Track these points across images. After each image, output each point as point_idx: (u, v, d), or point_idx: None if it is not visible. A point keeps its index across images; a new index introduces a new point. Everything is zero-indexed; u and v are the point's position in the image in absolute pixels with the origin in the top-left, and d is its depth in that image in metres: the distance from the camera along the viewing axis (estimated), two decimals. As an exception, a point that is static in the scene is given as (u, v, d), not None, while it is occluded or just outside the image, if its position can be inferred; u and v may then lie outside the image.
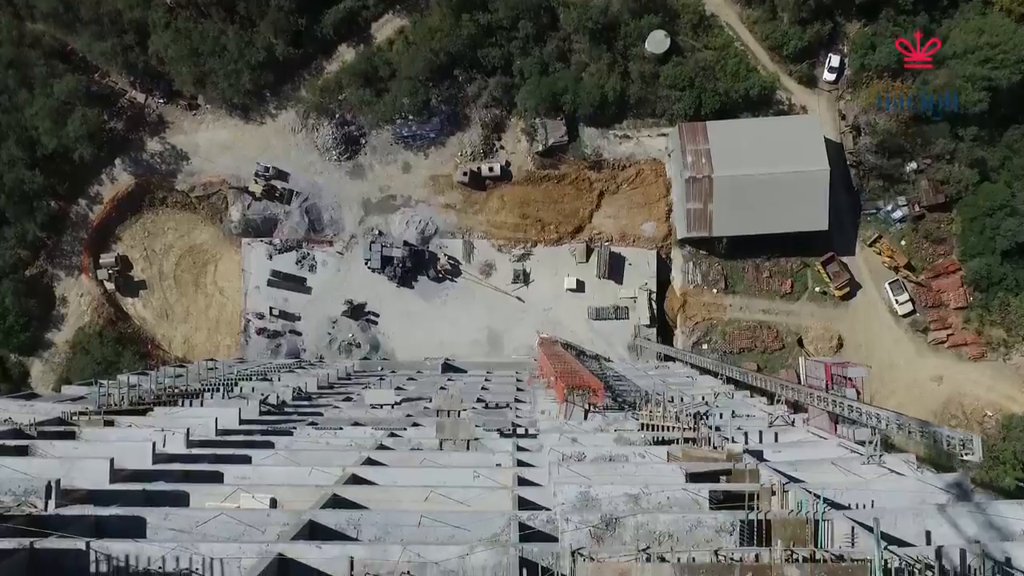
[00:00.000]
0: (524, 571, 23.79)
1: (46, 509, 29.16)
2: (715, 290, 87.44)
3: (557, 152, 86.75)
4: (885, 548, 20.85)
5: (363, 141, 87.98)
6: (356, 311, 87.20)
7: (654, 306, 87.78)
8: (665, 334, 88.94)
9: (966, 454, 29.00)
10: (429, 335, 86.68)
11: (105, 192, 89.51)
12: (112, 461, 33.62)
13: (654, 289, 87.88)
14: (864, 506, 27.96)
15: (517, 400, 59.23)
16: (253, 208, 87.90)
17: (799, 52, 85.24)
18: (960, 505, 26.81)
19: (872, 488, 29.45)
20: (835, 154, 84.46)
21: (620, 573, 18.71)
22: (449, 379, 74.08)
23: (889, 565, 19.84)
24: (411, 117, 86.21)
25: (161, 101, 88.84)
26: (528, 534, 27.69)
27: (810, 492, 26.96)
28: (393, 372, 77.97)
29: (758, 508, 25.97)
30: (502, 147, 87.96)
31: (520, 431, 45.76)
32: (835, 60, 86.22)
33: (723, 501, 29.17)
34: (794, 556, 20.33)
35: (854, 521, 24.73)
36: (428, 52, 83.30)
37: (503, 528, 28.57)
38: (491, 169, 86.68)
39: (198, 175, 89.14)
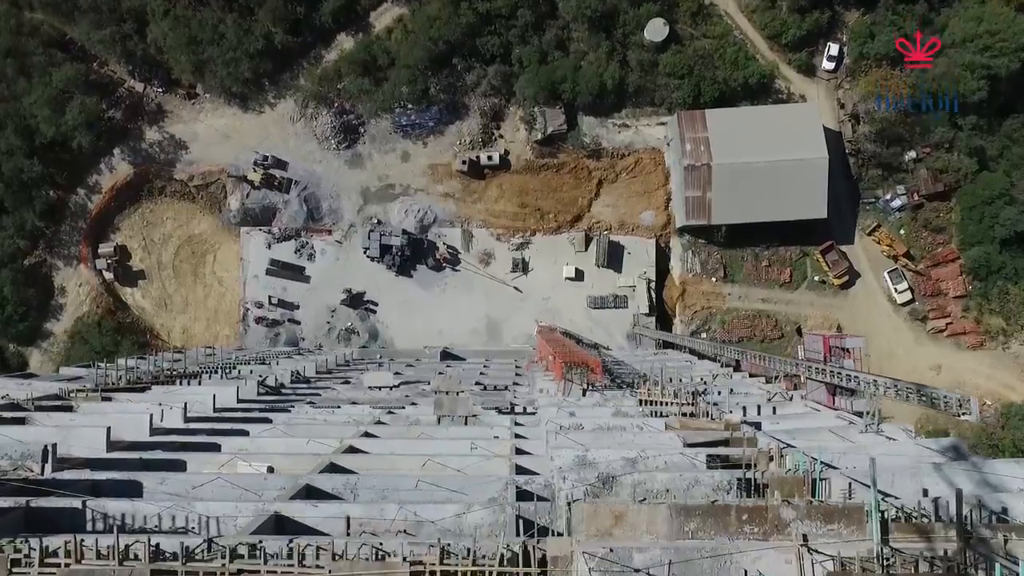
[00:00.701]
0: (520, 523, 23.74)
1: (43, 473, 29.11)
2: (714, 279, 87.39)
3: (556, 141, 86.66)
4: (883, 499, 20.77)
5: (362, 130, 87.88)
6: (355, 300, 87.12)
7: (653, 295, 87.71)
8: (664, 323, 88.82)
9: (963, 414, 28.96)
10: (428, 324, 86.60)
11: (104, 181, 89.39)
12: (109, 430, 33.57)
13: (653, 278, 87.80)
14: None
15: (515, 384, 59.23)
16: (252, 197, 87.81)
17: (798, 41, 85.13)
18: (956, 464, 26.77)
19: (870, 452, 29.35)
20: (834, 143, 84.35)
21: (616, 515, 18.66)
22: (448, 366, 74.02)
23: (886, 516, 19.73)
24: (410, 106, 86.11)
25: (160, 90, 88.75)
26: (525, 497, 27.68)
27: (807, 455, 26.89)
28: (391, 360, 77.84)
29: (756, 468, 25.95)
30: (501, 136, 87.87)
31: (518, 410, 45.74)
32: (834, 49, 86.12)
33: (721, 467, 29.11)
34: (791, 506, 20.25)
35: (851, 479, 24.68)
36: (427, 41, 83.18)
37: (500, 492, 28.55)
38: (490, 158, 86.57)
39: (197, 164, 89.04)
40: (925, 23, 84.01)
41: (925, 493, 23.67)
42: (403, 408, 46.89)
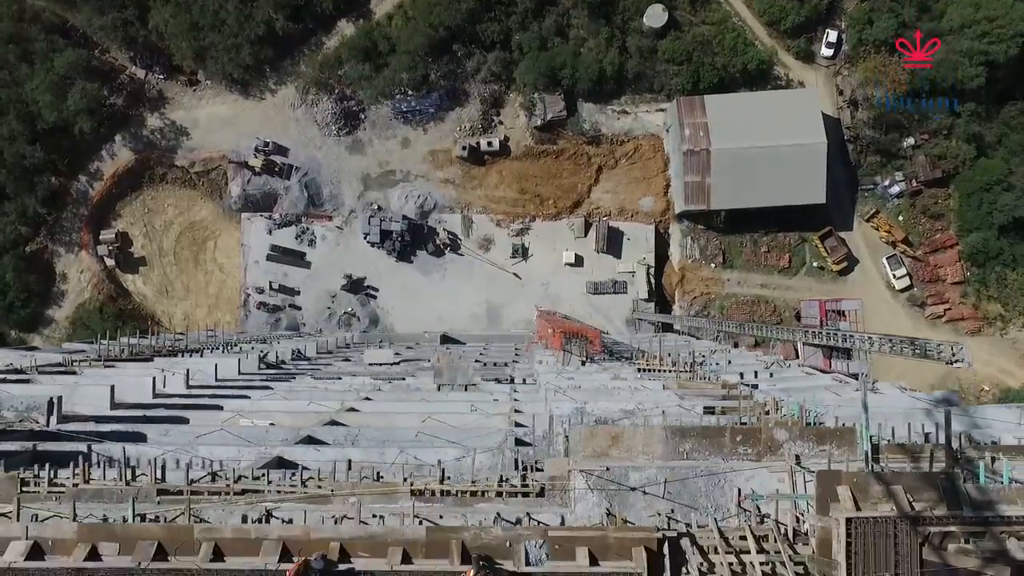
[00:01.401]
0: (519, 466, 24.03)
1: (48, 425, 29.45)
2: (713, 265, 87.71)
3: (556, 127, 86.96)
4: (876, 433, 21.10)
5: (362, 116, 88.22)
6: (355, 285, 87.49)
7: (652, 281, 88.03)
8: (663, 309, 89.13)
9: (957, 361, 29.28)
10: (428, 309, 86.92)
11: (105, 168, 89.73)
12: (113, 388, 33.91)
13: (652, 264, 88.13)
14: (856, 420, 28.22)
15: (514, 361, 59.59)
16: (253, 183, 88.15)
17: (797, 27, 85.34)
18: (948, 408, 27.06)
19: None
20: (833, 129, 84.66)
21: (613, 436, 19.02)
22: (447, 349, 74.33)
23: (878, 444, 20.08)
24: (410, 92, 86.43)
25: (161, 77, 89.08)
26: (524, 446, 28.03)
27: (801, 404, 27.22)
28: (391, 343, 78.22)
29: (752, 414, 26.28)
30: (501, 122, 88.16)
31: (517, 381, 46.02)
32: (832, 35, 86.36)
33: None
34: (785, 437, 20.56)
35: (843, 422, 24.98)
36: (427, 27, 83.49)
37: (500, 443, 28.89)
38: (490, 144, 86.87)
39: (198, 151, 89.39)
40: (923, 9, 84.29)
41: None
42: (403, 379, 47.20)
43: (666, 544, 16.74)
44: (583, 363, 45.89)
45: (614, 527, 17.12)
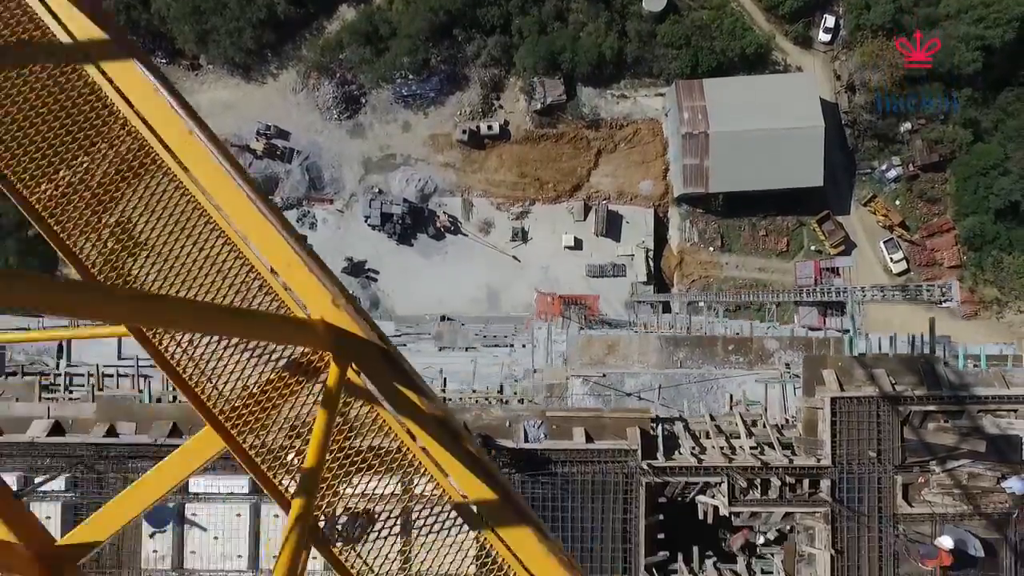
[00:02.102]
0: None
1: (58, 368, 30.06)
2: (711, 248, 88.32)
3: (555, 111, 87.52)
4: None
5: (363, 100, 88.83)
6: (356, 268, 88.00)
7: (651, 264, 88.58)
8: (662, 292, 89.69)
9: (945, 301, 29.94)
10: (428, 292, 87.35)
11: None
12: (120, 340, 34.51)
13: (651, 247, 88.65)
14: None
15: (513, 335, 60.19)
16: (254, 167, 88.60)
17: (795, 12, 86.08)
18: (931, 318, 27.77)
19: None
20: (830, 114, 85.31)
21: (609, 344, 19.66)
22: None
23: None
24: (411, 76, 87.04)
25: (163, 61, 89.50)
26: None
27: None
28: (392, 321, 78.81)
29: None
30: (501, 106, 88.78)
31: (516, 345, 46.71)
32: (830, 21, 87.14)
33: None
34: (776, 358, 21.26)
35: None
36: (427, 11, 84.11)
37: (498, 384, 29.51)
38: (490, 128, 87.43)
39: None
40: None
41: (907, 363, 24.68)
42: (404, 345, 47.84)
43: (660, 425, 17.39)
44: (581, 329, 46.46)
45: (610, 409, 17.75)
